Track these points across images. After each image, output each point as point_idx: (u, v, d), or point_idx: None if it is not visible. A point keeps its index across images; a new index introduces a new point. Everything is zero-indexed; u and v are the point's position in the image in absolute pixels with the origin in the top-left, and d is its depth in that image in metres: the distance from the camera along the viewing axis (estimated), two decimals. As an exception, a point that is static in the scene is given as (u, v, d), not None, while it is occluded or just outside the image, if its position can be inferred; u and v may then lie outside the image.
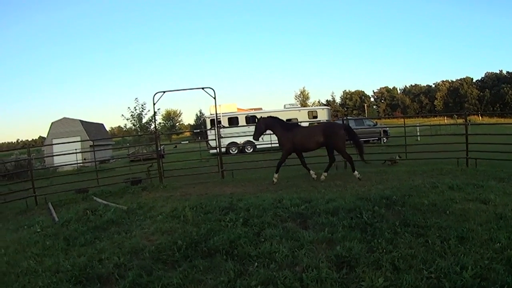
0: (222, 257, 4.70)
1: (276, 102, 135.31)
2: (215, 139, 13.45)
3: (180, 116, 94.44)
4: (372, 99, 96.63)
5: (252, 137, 10.96)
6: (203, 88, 13.72)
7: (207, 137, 20.68)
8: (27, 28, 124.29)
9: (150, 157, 20.56)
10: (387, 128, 26.90)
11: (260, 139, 10.84)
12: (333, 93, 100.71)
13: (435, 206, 5.95)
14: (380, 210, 5.87)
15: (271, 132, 10.88)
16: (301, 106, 40.42)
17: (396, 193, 6.93)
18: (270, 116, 11.29)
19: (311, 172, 10.65)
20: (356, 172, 10.05)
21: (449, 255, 4.16)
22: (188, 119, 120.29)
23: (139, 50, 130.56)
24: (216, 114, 14.13)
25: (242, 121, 27.06)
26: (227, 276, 4.12)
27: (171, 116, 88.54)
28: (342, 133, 10.29)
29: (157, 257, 4.96)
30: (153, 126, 23.68)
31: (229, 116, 27.31)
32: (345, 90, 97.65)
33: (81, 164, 21.75)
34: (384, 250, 4.37)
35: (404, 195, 6.73)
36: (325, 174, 10.40)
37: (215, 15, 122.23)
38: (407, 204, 6.14)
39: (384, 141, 24.60)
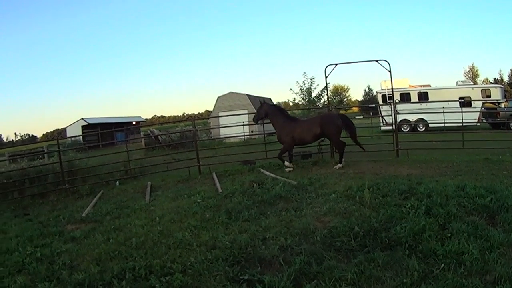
0: (404, 252, 4.27)
1: (444, 78, 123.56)
2: (390, 115, 13.47)
3: (347, 91, 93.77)
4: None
5: (423, 114, 10.69)
6: (377, 61, 13.50)
7: (378, 113, 20.52)
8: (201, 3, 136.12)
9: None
10: None
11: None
12: (500, 71, 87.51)
13: None
14: None
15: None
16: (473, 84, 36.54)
17: None
18: (274, 105, 12.07)
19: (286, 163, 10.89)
20: (339, 165, 10.40)
21: None
22: (355, 94, 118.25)
23: (308, 27, 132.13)
24: (393, 88, 14.09)
25: (414, 97, 26.66)
26: (410, 277, 3.69)
27: (338, 92, 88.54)
28: (339, 123, 10.70)
29: (330, 242, 4.64)
30: (323, 100, 23.79)
31: (401, 92, 26.75)
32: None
33: (248, 136, 22.77)
34: None
35: None
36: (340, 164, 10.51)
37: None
38: None
39: None
